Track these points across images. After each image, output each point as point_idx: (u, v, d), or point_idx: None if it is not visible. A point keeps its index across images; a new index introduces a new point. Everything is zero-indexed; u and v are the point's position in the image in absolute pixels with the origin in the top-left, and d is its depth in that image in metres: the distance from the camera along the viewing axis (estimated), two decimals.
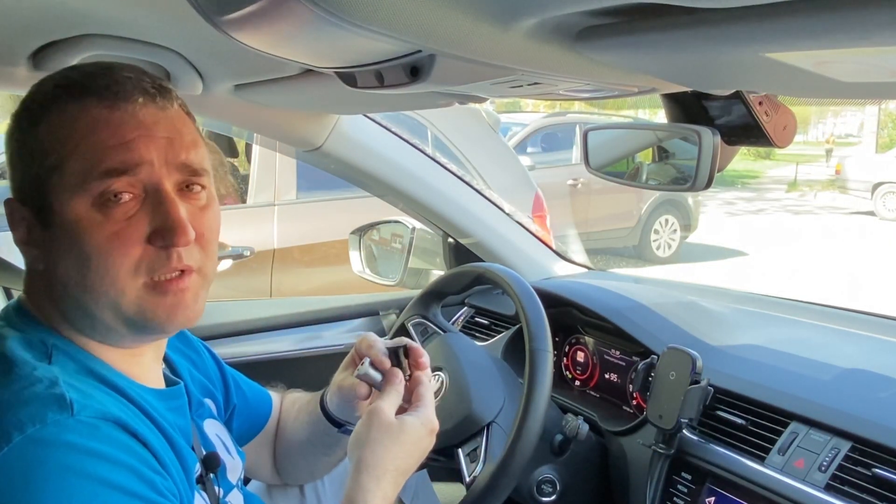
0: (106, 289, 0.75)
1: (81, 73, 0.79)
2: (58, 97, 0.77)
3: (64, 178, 0.74)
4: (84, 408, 0.69)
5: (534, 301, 1.23)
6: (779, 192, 14.75)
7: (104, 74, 0.78)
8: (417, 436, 0.92)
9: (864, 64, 0.57)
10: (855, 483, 0.99)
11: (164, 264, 0.75)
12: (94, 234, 0.73)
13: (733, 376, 1.22)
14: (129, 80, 0.77)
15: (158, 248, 0.75)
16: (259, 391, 1.16)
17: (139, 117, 0.76)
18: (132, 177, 0.74)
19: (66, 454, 0.66)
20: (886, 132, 20.47)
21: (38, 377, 0.71)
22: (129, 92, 0.77)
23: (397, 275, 1.93)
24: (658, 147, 1.16)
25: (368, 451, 0.89)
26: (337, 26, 0.58)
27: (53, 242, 0.76)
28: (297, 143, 1.62)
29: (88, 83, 0.77)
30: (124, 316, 0.76)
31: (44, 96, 0.78)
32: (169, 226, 0.74)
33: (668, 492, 1.20)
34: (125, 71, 0.79)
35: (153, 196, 0.75)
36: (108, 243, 0.73)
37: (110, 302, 0.75)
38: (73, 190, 0.74)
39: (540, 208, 3.90)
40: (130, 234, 0.74)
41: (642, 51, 0.61)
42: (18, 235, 0.79)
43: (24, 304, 0.81)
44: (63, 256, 0.75)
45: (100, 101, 0.76)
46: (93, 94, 0.76)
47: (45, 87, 0.79)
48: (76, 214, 0.74)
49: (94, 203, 0.73)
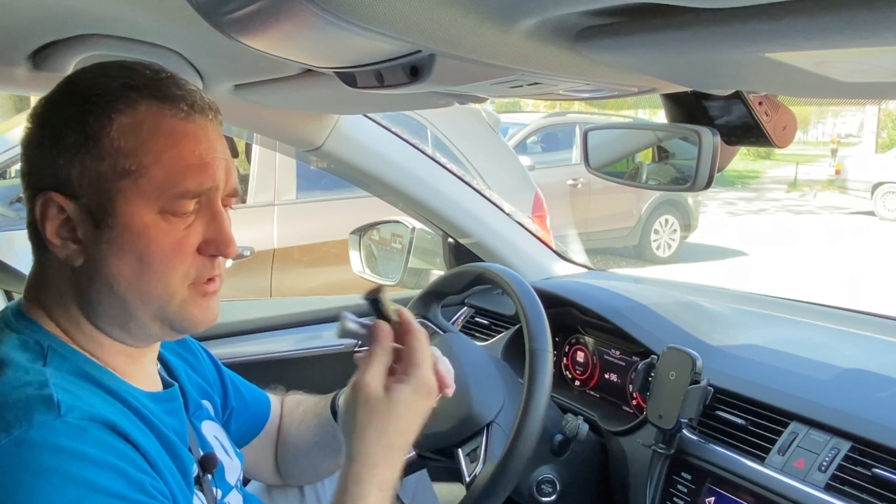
0: (159, 291, 0.78)
1: (146, 77, 0.78)
2: (127, 95, 0.76)
3: (139, 186, 0.75)
4: (71, 409, 0.69)
5: (534, 301, 1.23)
6: (779, 192, 14.76)
7: (174, 83, 0.79)
8: (410, 407, 0.83)
9: (864, 64, 0.57)
10: (855, 483, 0.99)
11: (209, 271, 0.81)
12: (160, 241, 0.76)
13: (733, 376, 1.22)
14: (195, 93, 0.80)
15: (206, 257, 0.80)
16: (257, 393, 1.15)
17: (210, 135, 0.79)
18: (202, 196, 0.78)
19: (52, 456, 0.65)
20: (886, 132, 20.48)
21: (28, 379, 0.71)
22: (202, 106, 0.79)
23: (397, 275, 1.93)
24: (658, 147, 1.17)
25: (357, 437, 0.82)
26: (337, 26, 0.58)
27: (107, 241, 0.76)
28: (297, 143, 1.62)
29: (160, 87, 0.77)
30: (165, 316, 0.79)
31: (112, 92, 0.76)
32: (221, 239, 0.80)
33: (668, 492, 1.20)
34: (185, 82, 0.80)
35: (207, 209, 0.79)
36: (170, 251, 0.77)
37: (159, 302, 0.78)
38: (146, 199, 0.75)
39: (540, 208, 3.90)
40: (188, 243, 0.78)
41: (642, 51, 0.61)
42: (52, 228, 0.76)
43: (24, 306, 0.81)
44: (118, 256, 0.76)
45: (174, 111, 0.77)
46: (167, 102, 0.77)
47: (107, 83, 0.77)
48: (143, 220, 0.75)
49: (161, 212, 0.76)
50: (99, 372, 0.77)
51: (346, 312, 0.89)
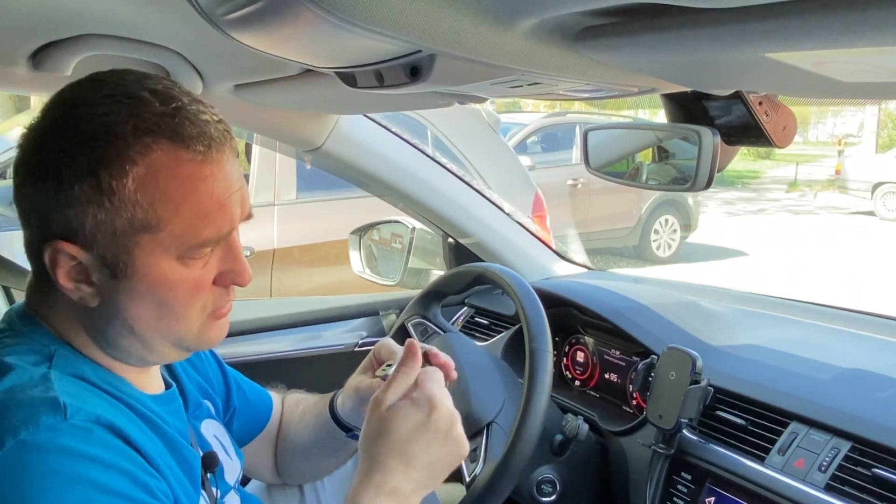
0: (178, 329, 0.78)
1: (157, 113, 0.71)
2: (142, 143, 0.70)
3: (158, 240, 0.73)
4: (77, 411, 0.69)
5: (534, 301, 1.23)
6: (779, 192, 14.75)
7: (184, 116, 0.72)
8: (411, 421, 0.83)
9: (864, 64, 0.57)
10: (855, 483, 0.99)
11: (225, 300, 0.81)
12: (180, 287, 0.76)
13: (733, 376, 1.22)
14: (208, 124, 0.74)
15: (221, 287, 0.80)
16: (260, 392, 1.15)
17: (226, 170, 0.76)
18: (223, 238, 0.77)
19: (59, 458, 0.66)
20: (886, 132, 20.47)
21: (33, 381, 0.71)
22: (218, 141, 0.75)
23: (397, 275, 1.93)
24: (658, 147, 1.16)
25: (364, 452, 0.85)
26: (337, 26, 0.58)
27: (125, 290, 0.74)
28: (297, 143, 1.62)
29: (175, 129, 0.72)
30: (183, 344, 0.81)
31: (122, 139, 0.70)
32: (237, 271, 0.80)
33: (668, 492, 1.20)
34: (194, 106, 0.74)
35: (224, 242, 0.78)
36: (190, 293, 0.77)
37: (178, 337, 0.79)
38: (165, 250, 0.73)
39: (540, 208, 3.90)
40: (206, 279, 0.78)
41: (642, 51, 0.61)
42: (64, 274, 0.73)
43: (29, 309, 0.81)
44: (137, 302, 0.75)
45: (191, 154, 0.72)
46: (182, 144, 0.72)
47: (121, 128, 0.70)
48: (163, 269, 0.74)
49: (179, 258, 0.75)
50: (103, 375, 0.78)
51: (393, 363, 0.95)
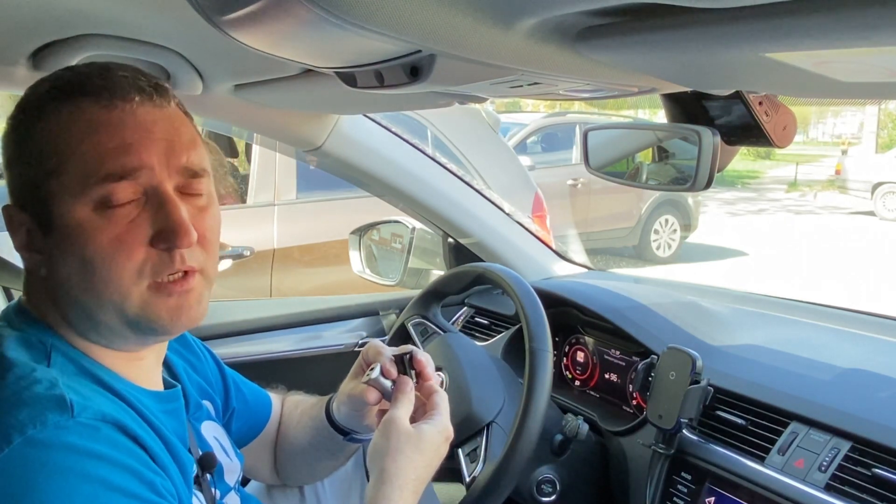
0: (110, 293, 0.74)
1: (76, 74, 0.77)
2: (53, 98, 0.75)
3: (63, 183, 0.73)
4: (84, 409, 0.69)
5: (534, 301, 1.23)
6: (779, 192, 14.75)
7: (100, 75, 0.76)
8: (435, 444, 0.93)
9: (864, 64, 0.57)
10: (855, 483, 0.99)
11: (168, 266, 0.75)
12: (97, 238, 0.73)
13: (733, 376, 1.22)
14: (126, 79, 0.76)
15: (161, 251, 0.75)
16: (259, 393, 1.15)
17: (137, 117, 0.75)
18: (132, 181, 0.74)
19: (67, 456, 0.66)
20: (886, 132, 20.47)
21: (37, 378, 0.71)
22: (126, 90, 0.75)
23: (397, 275, 1.93)
24: (658, 147, 1.16)
25: (390, 460, 0.89)
26: (337, 26, 0.58)
27: (55, 248, 0.75)
28: (297, 143, 1.62)
29: (84, 83, 0.75)
30: (128, 318, 0.76)
31: (38, 98, 0.76)
32: (171, 228, 0.74)
33: (668, 492, 1.20)
34: (121, 70, 0.77)
35: (154, 198, 0.75)
36: (110, 247, 0.73)
37: (114, 305, 0.75)
38: (73, 195, 0.73)
39: (540, 208, 3.90)
40: (133, 237, 0.74)
41: (642, 51, 0.61)
42: (18, 241, 0.78)
43: (25, 304, 0.81)
44: (65, 261, 0.75)
45: (96, 102, 0.74)
46: (89, 95, 0.74)
47: (40, 89, 0.77)
48: (77, 219, 0.73)
49: (96, 207, 0.73)
50: (101, 372, 0.77)
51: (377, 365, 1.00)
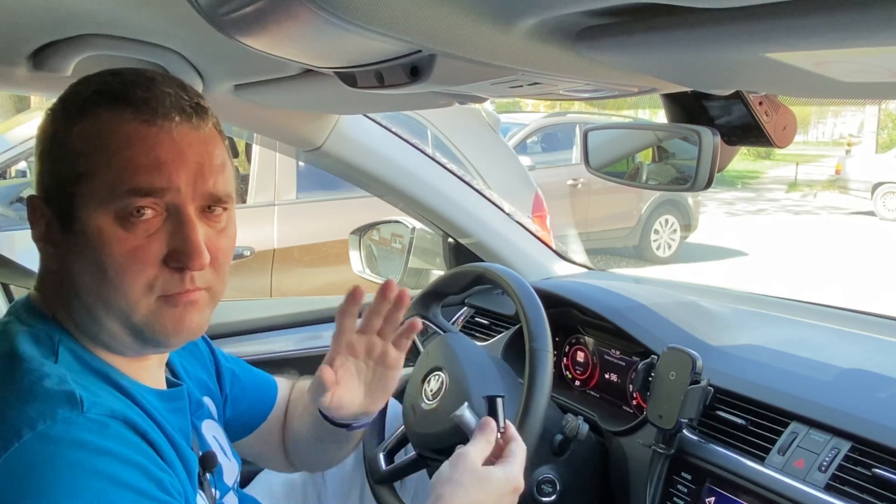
0: (118, 301, 0.75)
1: (122, 82, 0.77)
2: (96, 102, 0.76)
3: (91, 188, 0.74)
4: (94, 405, 0.69)
5: (534, 301, 1.23)
6: (779, 193, 14.75)
7: (145, 86, 0.76)
8: (501, 490, 0.91)
9: (864, 64, 0.57)
10: (855, 483, 0.99)
11: (178, 285, 0.77)
12: (114, 248, 0.74)
13: (733, 376, 1.22)
14: (168, 96, 0.76)
15: (173, 269, 0.76)
16: (261, 379, 1.15)
17: (174, 137, 0.75)
18: (158, 198, 0.75)
19: (77, 451, 0.66)
20: (886, 132, 20.48)
21: (46, 373, 0.71)
22: (167, 110, 0.76)
23: (397, 275, 1.93)
24: (658, 147, 1.16)
25: (450, 490, 0.88)
26: (337, 26, 0.58)
27: (71, 246, 0.76)
28: (297, 143, 1.62)
29: (128, 92, 0.76)
30: (132, 325, 0.77)
31: (82, 99, 0.77)
32: (186, 250, 0.75)
33: (668, 492, 1.20)
34: (165, 85, 0.77)
35: (175, 216, 0.76)
36: (125, 260, 0.74)
37: (121, 313, 0.76)
38: (98, 201, 0.74)
39: (540, 208, 3.90)
40: (147, 253, 0.75)
41: (642, 51, 0.61)
42: (37, 232, 0.79)
43: (34, 299, 0.81)
44: (79, 262, 0.75)
45: (137, 114, 0.75)
46: (130, 106, 0.75)
47: (84, 90, 0.78)
48: (98, 226, 0.74)
49: (117, 217, 0.74)
50: (106, 368, 0.78)
51: (467, 404, 1.04)
